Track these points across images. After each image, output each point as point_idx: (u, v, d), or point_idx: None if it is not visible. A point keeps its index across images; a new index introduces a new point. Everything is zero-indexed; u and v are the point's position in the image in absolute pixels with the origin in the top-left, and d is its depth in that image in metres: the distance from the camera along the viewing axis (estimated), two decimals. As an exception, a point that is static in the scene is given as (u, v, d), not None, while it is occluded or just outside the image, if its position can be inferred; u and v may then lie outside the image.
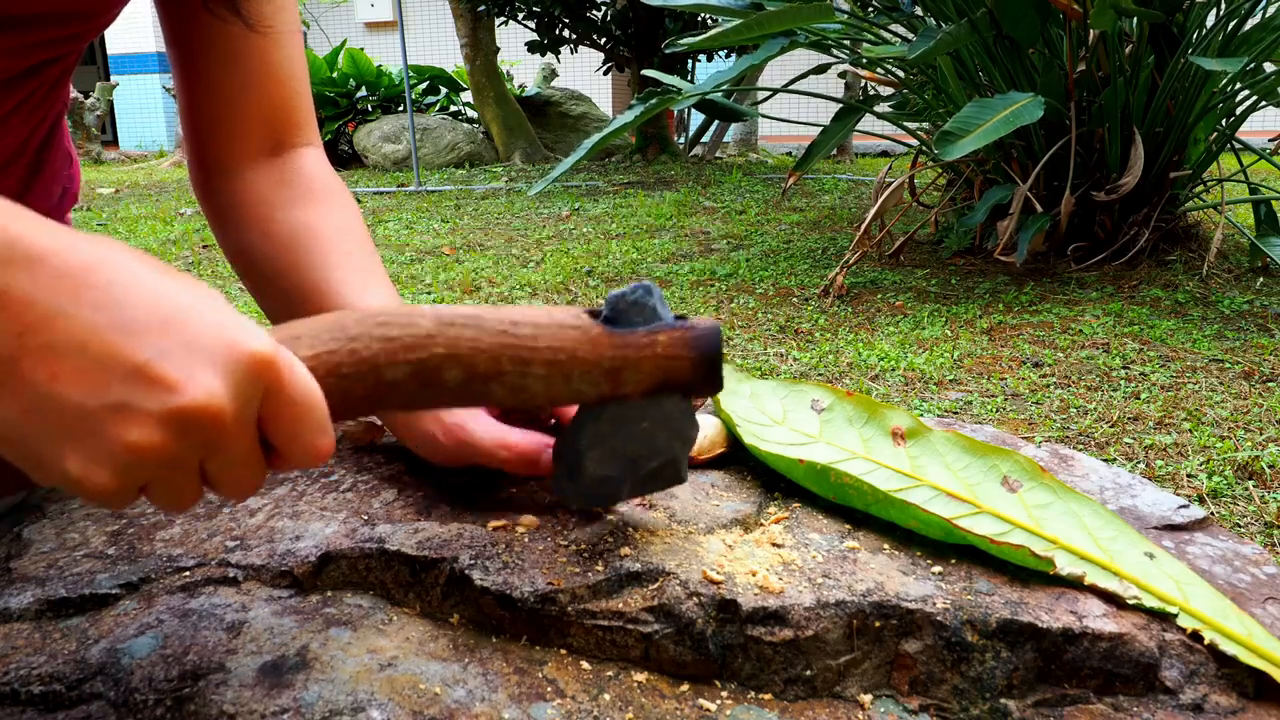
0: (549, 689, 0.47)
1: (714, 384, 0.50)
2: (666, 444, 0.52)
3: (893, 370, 2.52)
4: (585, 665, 0.49)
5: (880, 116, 4.05)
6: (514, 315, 0.47)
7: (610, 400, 0.49)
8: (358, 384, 0.43)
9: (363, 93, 8.93)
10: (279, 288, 0.67)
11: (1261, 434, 2.03)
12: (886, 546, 0.56)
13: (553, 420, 0.64)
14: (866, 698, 0.49)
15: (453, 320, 0.45)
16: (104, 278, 0.36)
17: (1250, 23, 3.39)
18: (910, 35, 3.75)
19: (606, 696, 0.47)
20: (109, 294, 0.35)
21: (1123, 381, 2.39)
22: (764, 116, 3.60)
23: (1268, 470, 1.85)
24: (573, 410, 0.58)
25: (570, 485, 0.53)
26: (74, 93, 9.17)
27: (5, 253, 0.34)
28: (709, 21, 7.40)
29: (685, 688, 0.49)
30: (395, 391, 0.44)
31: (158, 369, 0.35)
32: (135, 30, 11.42)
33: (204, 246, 4.57)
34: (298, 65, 0.73)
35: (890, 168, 3.92)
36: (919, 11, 3.75)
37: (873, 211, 3.46)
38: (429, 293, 3.60)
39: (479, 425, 0.59)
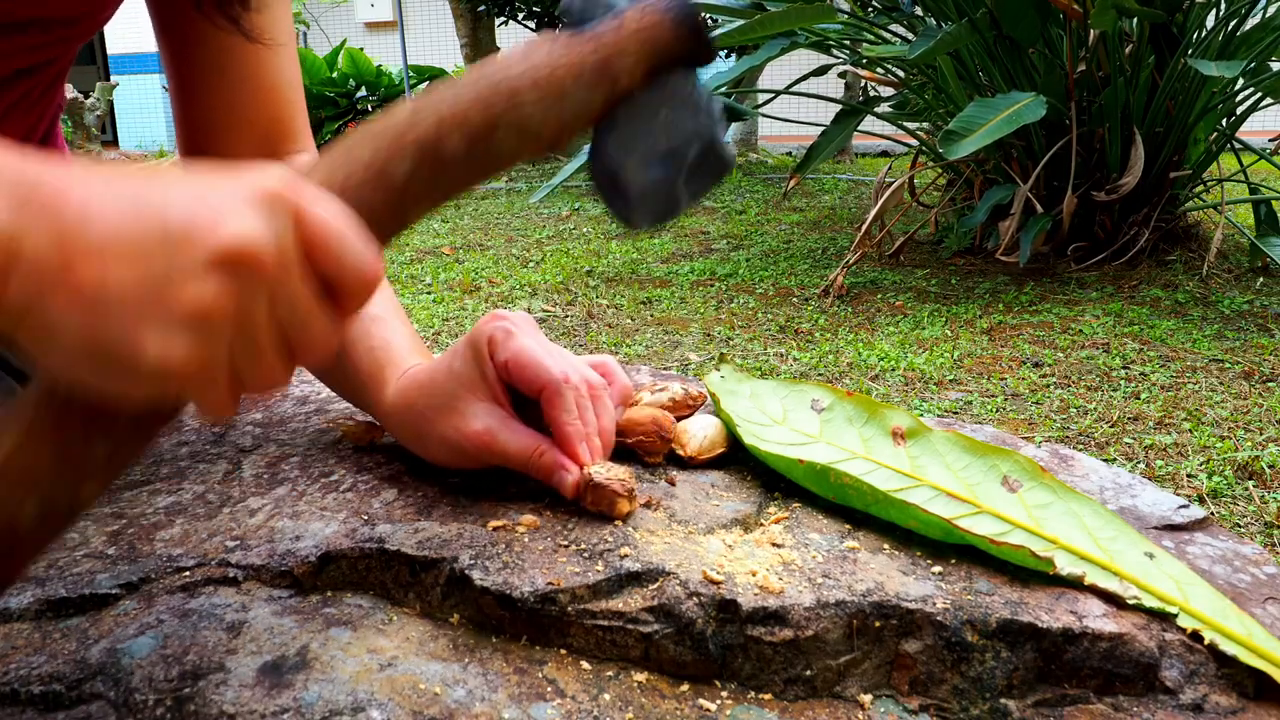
0: (549, 689, 0.47)
1: (702, 42, 0.47)
2: (695, 123, 0.49)
3: (893, 370, 2.52)
4: (585, 665, 0.49)
5: (880, 117, 4.05)
6: (479, 66, 0.45)
7: (616, 104, 0.47)
8: (373, 191, 0.43)
9: (363, 93, 8.93)
10: None
11: (1261, 434, 2.03)
12: (886, 546, 0.56)
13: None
14: (866, 698, 0.49)
15: (427, 98, 0.44)
16: (116, 179, 0.37)
17: (1250, 23, 3.39)
18: (910, 35, 3.75)
19: (606, 696, 0.47)
20: (125, 188, 0.37)
21: (1123, 381, 2.39)
22: (764, 116, 3.61)
23: (1268, 470, 1.85)
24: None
25: (625, 207, 0.50)
26: (74, 93, 9.17)
27: (27, 180, 0.36)
28: (709, 21, 7.39)
29: (685, 688, 0.49)
30: (411, 186, 0.43)
31: (186, 227, 0.36)
32: (135, 30, 11.42)
33: (204, 246, 4.57)
34: (291, 75, 0.74)
35: (890, 168, 3.92)
36: (919, 11, 3.75)
37: (873, 211, 3.46)
38: (429, 293, 3.60)
39: (510, 433, 0.58)
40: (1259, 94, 3.38)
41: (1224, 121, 3.59)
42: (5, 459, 0.39)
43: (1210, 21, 3.35)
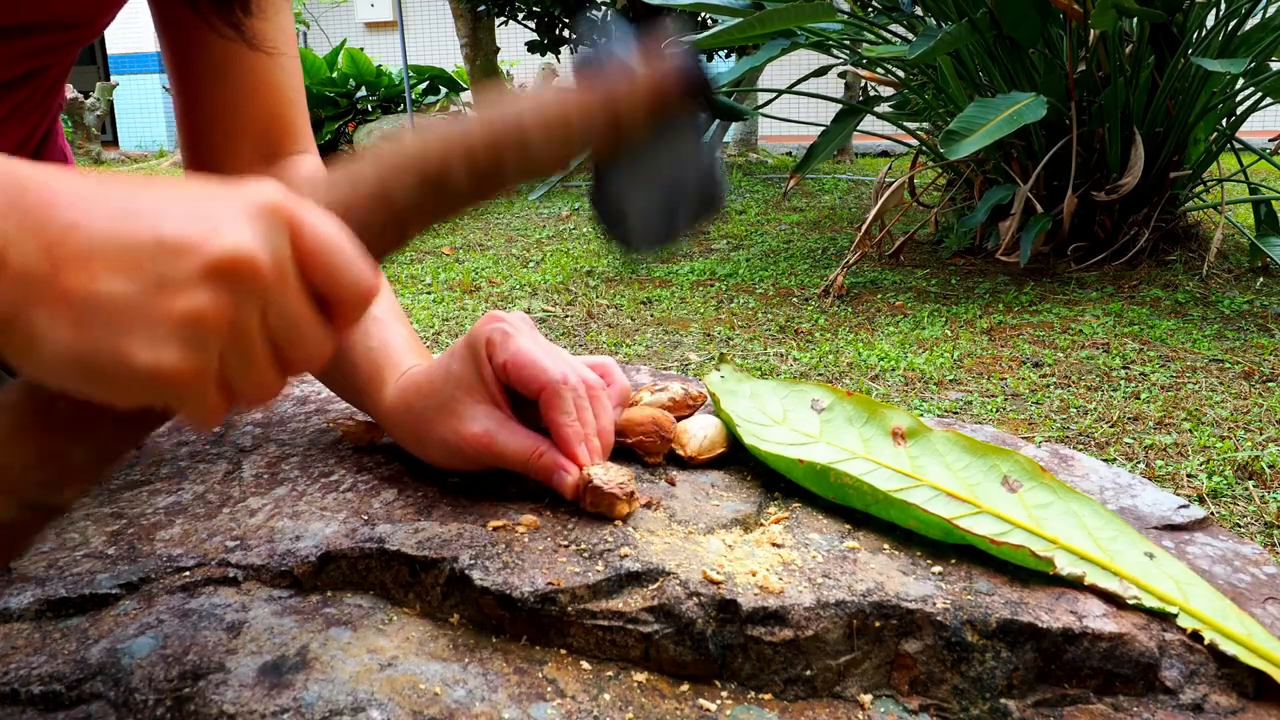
0: (549, 689, 0.47)
1: (708, 99, 0.49)
2: (695, 158, 0.51)
3: (893, 370, 2.52)
4: (585, 665, 0.49)
5: (880, 116, 4.05)
6: (491, 104, 0.47)
7: (621, 145, 0.49)
8: (374, 214, 0.43)
9: (363, 93, 8.93)
10: None
11: (1261, 434, 2.03)
12: (886, 546, 0.56)
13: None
14: (866, 698, 0.49)
15: (434, 128, 0.45)
16: (106, 186, 0.37)
17: (1250, 23, 3.39)
18: (910, 35, 3.75)
19: (606, 696, 0.47)
20: (116, 196, 0.37)
21: (1123, 381, 2.39)
22: (764, 116, 3.60)
23: (1268, 470, 1.85)
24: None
25: (624, 235, 0.52)
26: (74, 93, 9.16)
27: (13, 186, 0.35)
28: (709, 21, 7.39)
29: (685, 688, 0.49)
30: (412, 209, 0.44)
31: (181, 236, 0.36)
32: (135, 30, 11.42)
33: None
34: (293, 75, 0.74)
35: (890, 168, 3.92)
36: (919, 11, 3.75)
37: (873, 211, 3.46)
38: (429, 293, 3.60)
39: (509, 435, 0.59)
40: (1259, 94, 3.38)
41: (1224, 121, 3.59)
42: None
43: (1210, 21, 3.35)
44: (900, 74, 3.92)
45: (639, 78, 0.48)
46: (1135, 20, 3.26)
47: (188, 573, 0.54)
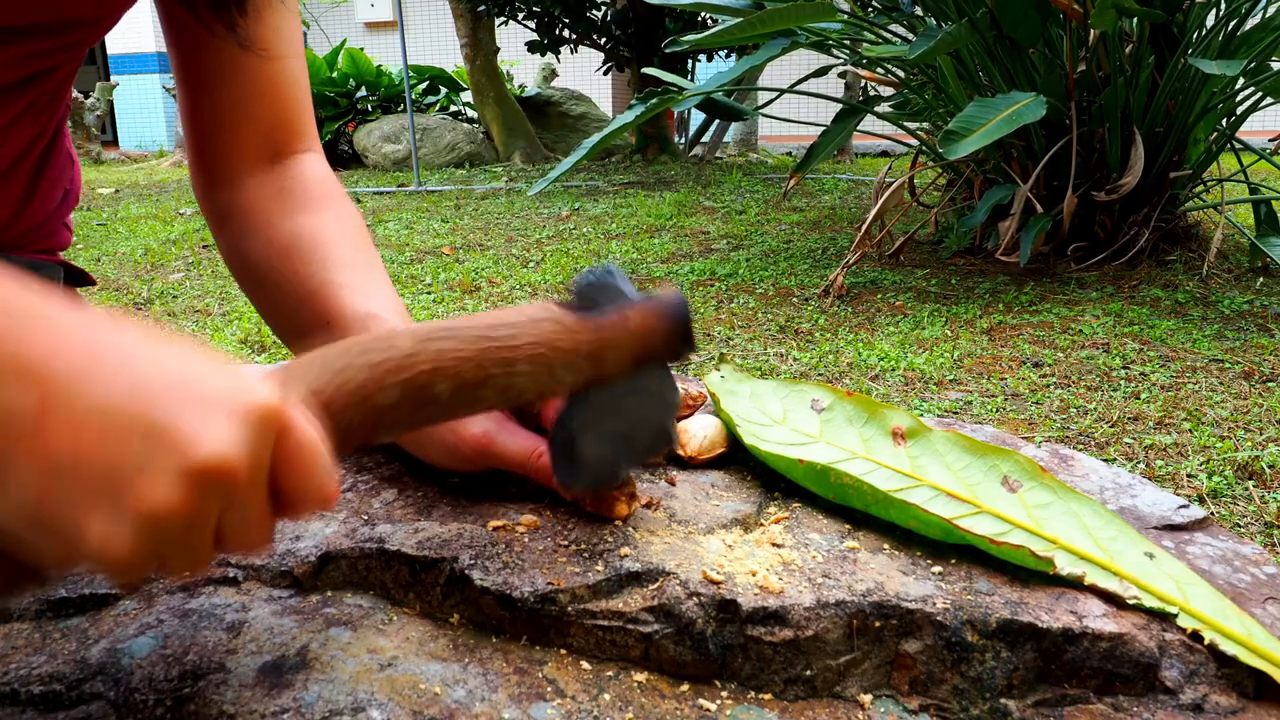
0: (549, 689, 0.47)
1: (688, 347, 0.51)
2: (653, 413, 0.54)
3: (893, 370, 2.52)
4: (585, 665, 0.49)
5: (880, 116, 4.04)
6: (488, 319, 0.47)
7: (594, 384, 0.50)
8: (353, 415, 0.44)
9: (363, 93, 8.93)
10: (281, 294, 0.67)
11: (1261, 434, 2.03)
12: (886, 546, 0.56)
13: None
14: (866, 698, 0.49)
15: (430, 335, 0.46)
16: (118, 347, 0.37)
17: (1250, 23, 3.39)
18: (910, 35, 3.75)
19: (606, 696, 0.47)
20: (124, 361, 0.36)
21: (1123, 381, 2.39)
22: (764, 116, 3.59)
23: (1268, 470, 1.85)
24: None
25: (571, 472, 0.54)
26: (74, 93, 9.15)
27: (23, 324, 0.35)
28: (709, 21, 7.39)
29: (685, 688, 0.49)
30: (390, 414, 0.45)
31: (175, 426, 0.35)
32: (135, 30, 11.41)
33: (204, 246, 4.57)
34: (298, 76, 0.74)
35: (890, 168, 3.92)
36: (919, 11, 3.75)
37: (873, 211, 3.46)
38: (429, 293, 3.60)
39: (508, 436, 0.59)
40: (1259, 94, 3.38)
41: (1224, 121, 3.59)
42: None
43: (1210, 21, 3.35)
44: (900, 74, 3.92)
45: (630, 321, 0.49)
46: (1135, 20, 3.26)
47: (187, 572, 0.54)
